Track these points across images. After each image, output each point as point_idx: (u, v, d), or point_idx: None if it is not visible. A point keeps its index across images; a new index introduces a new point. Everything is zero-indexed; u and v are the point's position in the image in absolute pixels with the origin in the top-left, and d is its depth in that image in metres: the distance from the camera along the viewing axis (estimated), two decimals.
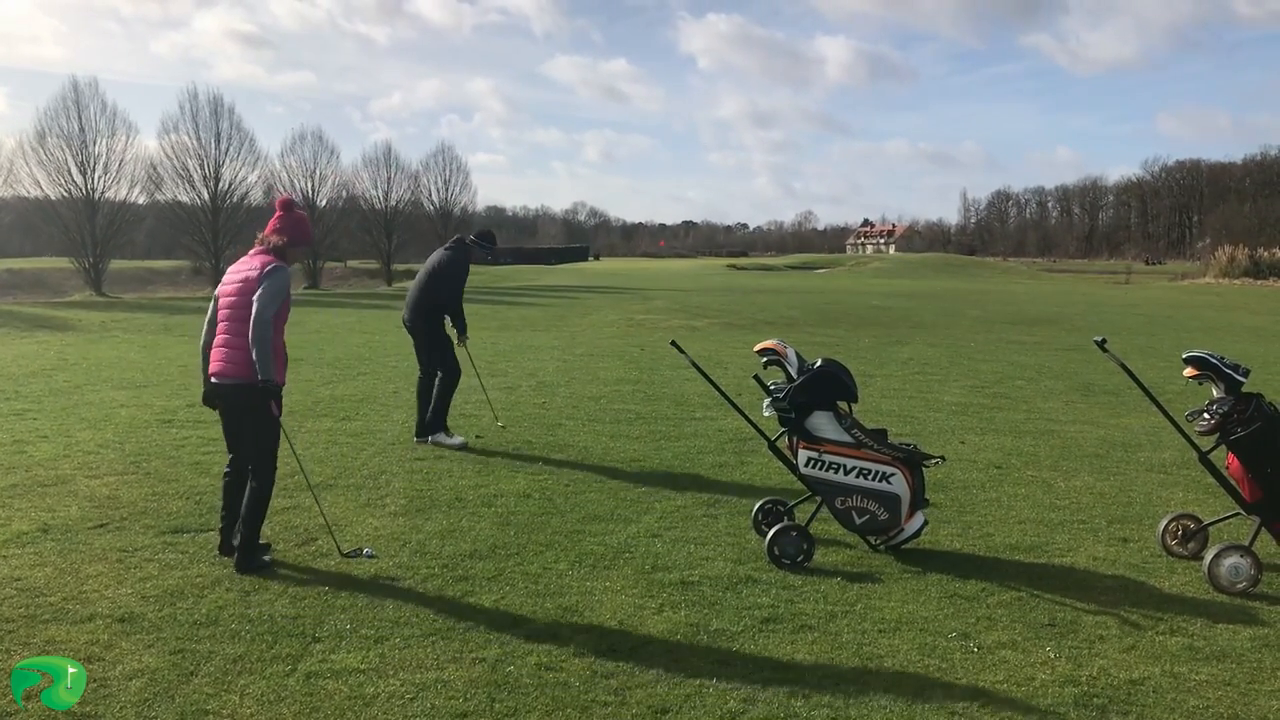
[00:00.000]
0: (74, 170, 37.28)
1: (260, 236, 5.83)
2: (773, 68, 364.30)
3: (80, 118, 37.31)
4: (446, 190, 55.30)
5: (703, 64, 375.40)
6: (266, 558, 5.71)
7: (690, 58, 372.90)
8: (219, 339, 5.65)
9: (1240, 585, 5.44)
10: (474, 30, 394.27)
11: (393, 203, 53.07)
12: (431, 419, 8.97)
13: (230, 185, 43.15)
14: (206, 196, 42.49)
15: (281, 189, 47.53)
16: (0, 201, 42.49)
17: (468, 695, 4.13)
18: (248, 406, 5.57)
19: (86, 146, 37.43)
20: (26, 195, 38.52)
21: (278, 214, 5.86)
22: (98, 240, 37.60)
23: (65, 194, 37.37)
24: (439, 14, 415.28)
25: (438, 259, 9.14)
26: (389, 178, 52.69)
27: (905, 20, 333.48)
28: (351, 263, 61.69)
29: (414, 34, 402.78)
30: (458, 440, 8.95)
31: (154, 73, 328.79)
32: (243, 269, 5.71)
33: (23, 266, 48.19)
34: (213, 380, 5.66)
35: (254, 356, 5.42)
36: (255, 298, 5.49)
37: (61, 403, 11.18)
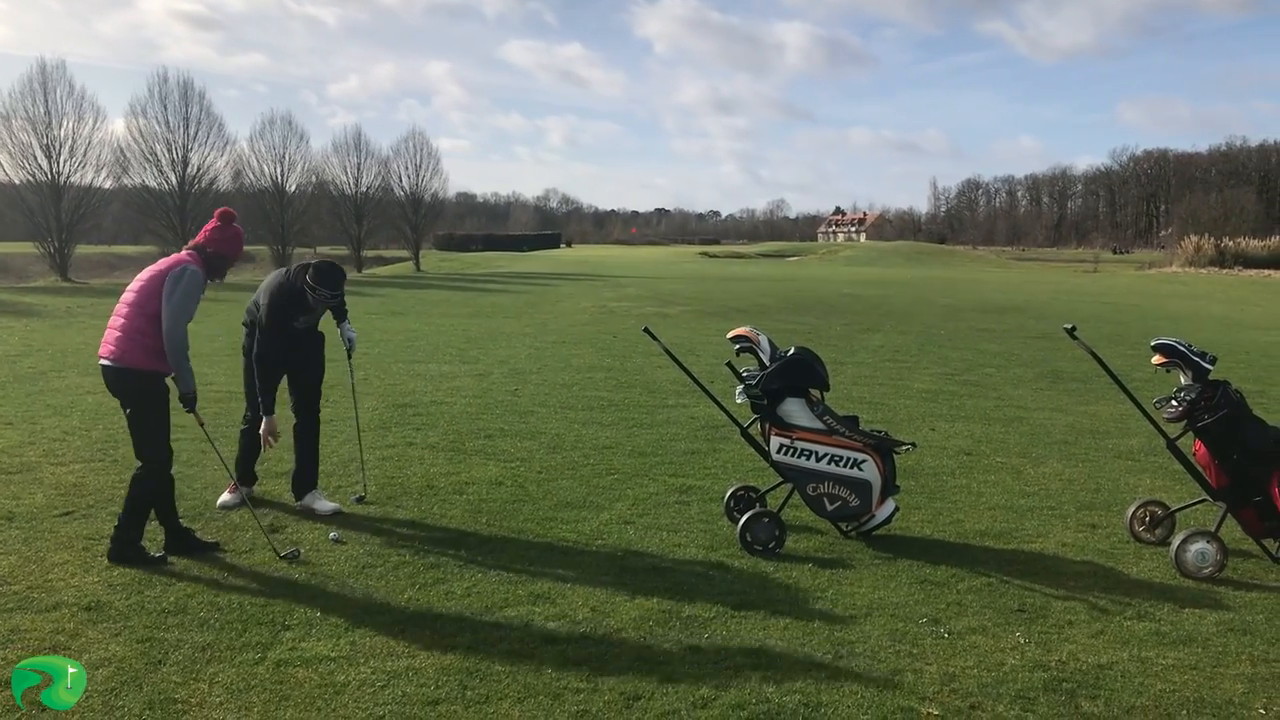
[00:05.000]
0: (39, 154, 36.55)
1: (192, 242, 5.73)
2: (732, 53, 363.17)
3: (46, 100, 36.58)
4: (417, 176, 54.72)
5: (660, 49, 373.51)
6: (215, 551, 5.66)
7: (647, 42, 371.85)
8: (114, 321, 5.56)
9: (1206, 570, 5.51)
10: (426, 12, 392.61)
11: (363, 188, 52.51)
12: (311, 470, 6.84)
13: (199, 170, 42.56)
14: (174, 181, 41.87)
15: (251, 174, 46.92)
16: None
17: (439, 683, 4.11)
18: (120, 392, 5.56)
19: (52, 130, 36.73)
20: None
21: (215, 223, 5.74)
22: (63, 225, 36.89)
23: (30, 178, 36.63)
24: None
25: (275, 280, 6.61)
26: (359, 163, 52.06)
27: (861, 5, 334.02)
28: (321, 248, 61.15)
29: (365, 15, 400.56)
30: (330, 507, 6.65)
31: (103, 54, 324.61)
32: (161, 265, 5.65)
33: None
34: (100, 362, 5.59)
35: (175, 371, 5.45)
36: (167, 300, 5.41)
37: (26, 389, 11.01)
